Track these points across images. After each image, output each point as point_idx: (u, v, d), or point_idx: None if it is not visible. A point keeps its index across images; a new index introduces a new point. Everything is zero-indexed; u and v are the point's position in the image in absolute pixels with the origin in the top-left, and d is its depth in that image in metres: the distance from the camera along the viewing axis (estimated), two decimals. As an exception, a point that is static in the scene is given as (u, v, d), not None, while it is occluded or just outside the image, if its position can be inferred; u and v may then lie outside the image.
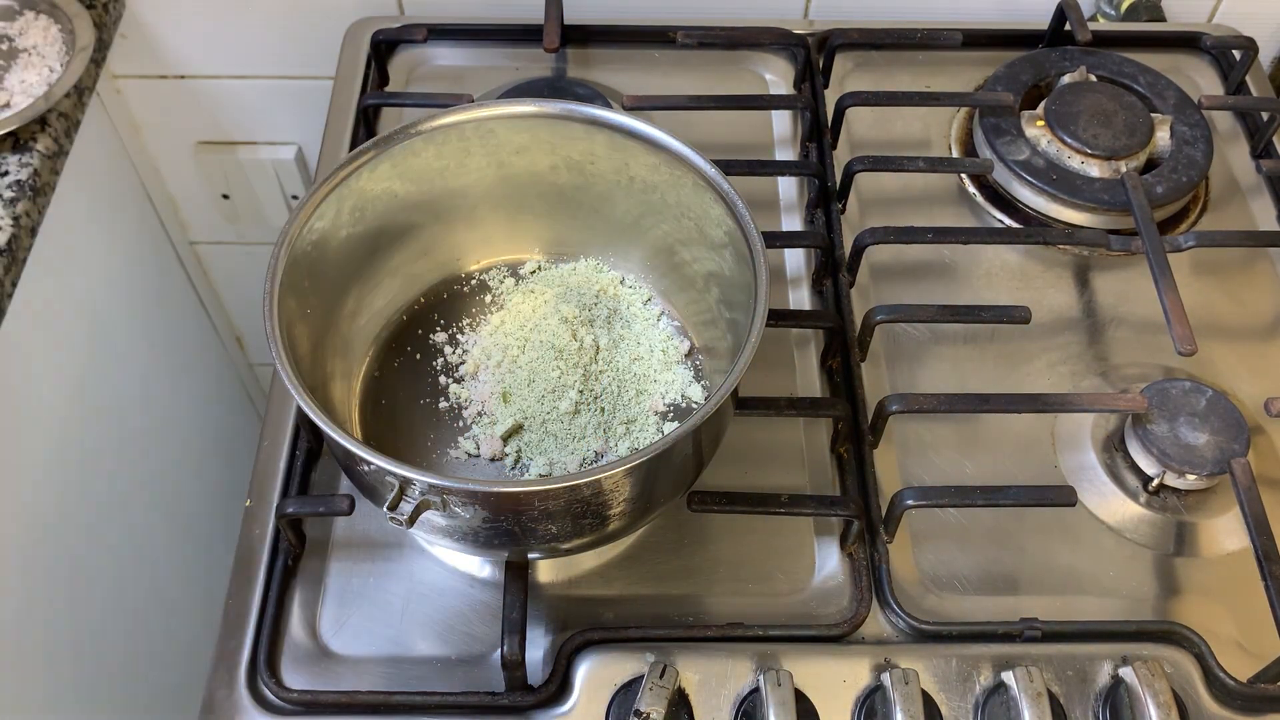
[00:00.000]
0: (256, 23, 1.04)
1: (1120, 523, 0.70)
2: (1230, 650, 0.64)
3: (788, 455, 0.72)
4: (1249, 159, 0.91)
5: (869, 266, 0.81)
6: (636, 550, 0.69)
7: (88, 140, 0.98)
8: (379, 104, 0.89)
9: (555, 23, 0.92)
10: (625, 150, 0.68)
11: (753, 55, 0.96)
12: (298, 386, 0.56)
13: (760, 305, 0.59)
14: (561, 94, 0.89)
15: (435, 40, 0.95)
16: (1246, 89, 0.94)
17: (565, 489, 0.54)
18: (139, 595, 1.13)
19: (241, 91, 1.10)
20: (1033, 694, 0.60)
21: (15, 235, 0.82)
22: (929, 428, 0.74)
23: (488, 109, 0.68)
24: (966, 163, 0.87)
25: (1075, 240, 0.81)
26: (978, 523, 0.70)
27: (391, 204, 0.69)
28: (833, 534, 0.69)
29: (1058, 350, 0.78)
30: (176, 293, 1.25)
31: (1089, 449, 0.73)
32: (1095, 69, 0.90)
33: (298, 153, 1.15)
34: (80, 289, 1.02)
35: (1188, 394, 0.72)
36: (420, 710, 0.62)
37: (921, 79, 0.94)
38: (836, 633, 0.64)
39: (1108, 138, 0.85)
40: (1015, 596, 0.67)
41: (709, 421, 0.56)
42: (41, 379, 0.96)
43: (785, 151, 0.90)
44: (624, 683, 0.62)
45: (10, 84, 0.87)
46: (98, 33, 0.91)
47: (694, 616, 0.65)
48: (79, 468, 1.02)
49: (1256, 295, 0.82)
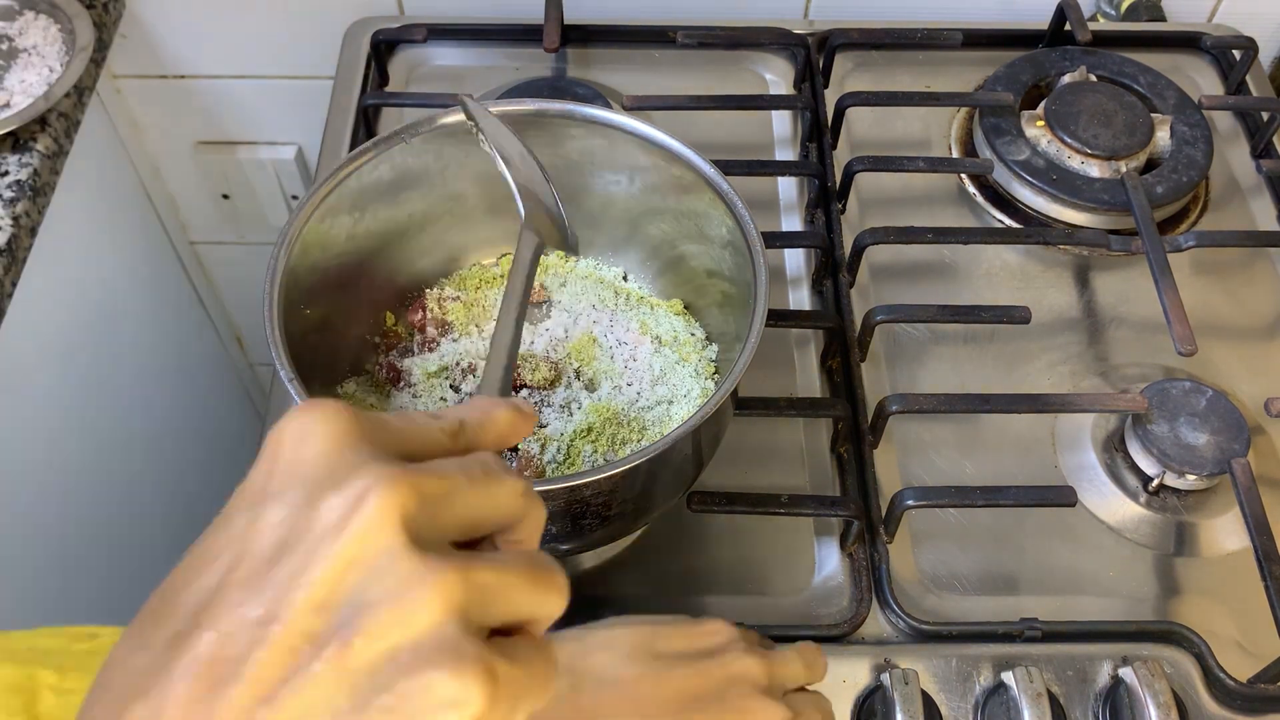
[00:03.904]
0: (256, 23, 1.04)
1: (1120, 523, 0.70)
2: (1230, 650, 0.64)
3: (788, 455, 0.72)
4: (1249, 159, 0.91)
5: (869, 266, 0.81)
6: (636, 550, 0.69)
7: (88, 140, 0.98)
8: (379, 104, 0.89)
9: (555, 23, 0.92)
10: (625, 150, 0.68)
11: (753, 55, 0.96)
12: (298, 386, 0.56)
13: (760, 305, 0.59)
14: (561, 94, 0.89)
15: (435, 40, 0.95)
16: (1246, 89, 0.94)
17: (565, 489, 0.54)
18: (139, 596, 1.13)
19: (241, 91, 1.10)
20: (1033, 694, 0.60)
21: (15, 235, 0.82)
22: (929, 428, 0.74)
23: (487, 109, 0.68)
24: (966, 163, 0.87)
25: (1075, 240, 0.81)
26: (978, 523, 0.70)
27: (391, 204, 0.69)
28: (833, 534, 0.69)
29: (1058, 350, 0.78)
30: (176, 293, 1.25)
31: (1089, 449, 0.73)
32: (1095, 69, 0.90)
33: (298, 153, 1.15)
34: (80, 289, 1.02)
35: (1188, 394, 0.72)
36: (420, 710, 0.62)
37: (921, 79, 0.94)
38: (836, 633, 0.64)
39: (1108, 138, 0.85)
40: (1015, 596, 0.67)
41: (709, 421, 0.56)
42: (41, 379, 0.96)
43: (785, 151, 0.90)
44: (624, 683, 0.62)
45: (10, 84, 0.87)
46: (98, 33, 0.91)
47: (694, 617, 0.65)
48: (78, 467, 1.02)
49: (1256, 295, 0.82)
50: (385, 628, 0.28)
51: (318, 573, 0.29)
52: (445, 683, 0.28)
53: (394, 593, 0.29)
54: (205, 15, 1.03)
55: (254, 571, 0.30)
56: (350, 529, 0.29)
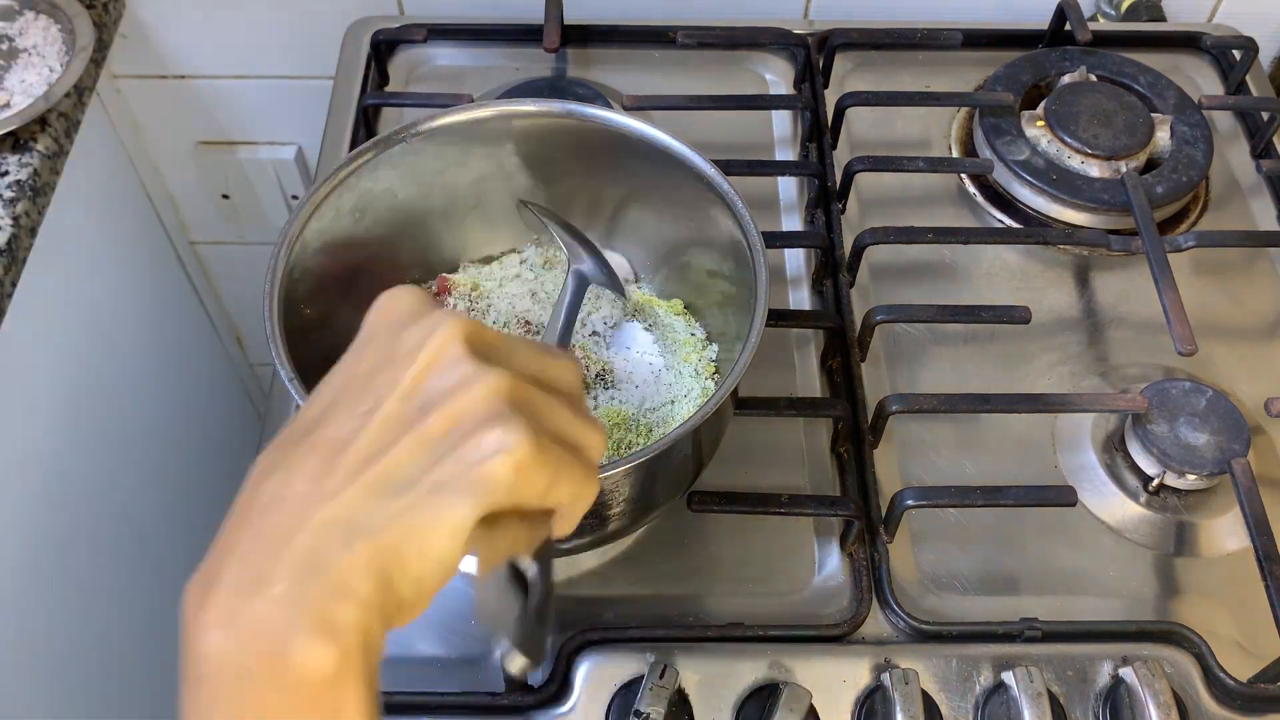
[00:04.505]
0: (256, 23, 1.04)
1: (1120, 523, 0.70)
2: (1230, 650, 0.64)
3: (788, 455, 0.72)
4: (1249, 159, 0.91)
5: (869, 266, 0.81)
6: (636, 550, 0.69)
7: (88, 140, 0.98)
8: (379, 104, 0.89)
9: (555, 23, 0.92)
10: (625, 150, 0.68)
11: (753, 55, 0.96)
12: (298, 386, 0.56)
13: (760, 305, 0.59)
14: (561, 94, 0.89)
15: (435, 40, 0.95)
16: (1246, 89, 0.94)
17: (565, 489, 0.54)
18: (138, 594, 1.13)
19: (241, 91, 1.10)
20: (1033, 694, 0.60)
21: (15, 235, 0.82)
22: (929, 428, 0.74)
23: (487, 109, 0.68)
24: (966, 163, 0.87)
25: (1075, 240, 0.81)
26: (978, 523, 0.70)
27: (391, 204, 0.69)
28: (833, 534, 0.69)
29: (1058, 350, 0.78)
30: (176, 293, 1.25)
31: (1089, 449, 0.73)
32: (1095, 69, 0.90)
33: (298, 153, 1.15)
34: (80, 289, 1.02)
35: (1188, 394, 0.72)
36: (420, 710, 0.62)
37: (921, 79, 0.94)
38: (837, 633, 0.64)
39: (1108, 138, 0.85)
40: (1015, 596, 0.67)
41: (709, 421, 0.56)
42: (41, 379, 0.96)
43: (785, 151, 0.90)
44: (624, 683, 0.62)
45: (10, 84, 0.87)
46: (98, 33, 0.91)
47: (694, 616, 0.65)
48: (79, 468, 1.02)
49: (1256, 295, 0.82)
50: (453, 407, 0.38)
51: (404, 376, 0.38)
52: (497, 435, 0.37)
53: (460, 384, 0.38)
54: (205, 15, 1.03)
55: (359, 384, 0.39)
56: (428, 345, 0.39)
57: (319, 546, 0.36)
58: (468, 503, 0.37)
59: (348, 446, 0.38)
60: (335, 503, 0.37)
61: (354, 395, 0.39)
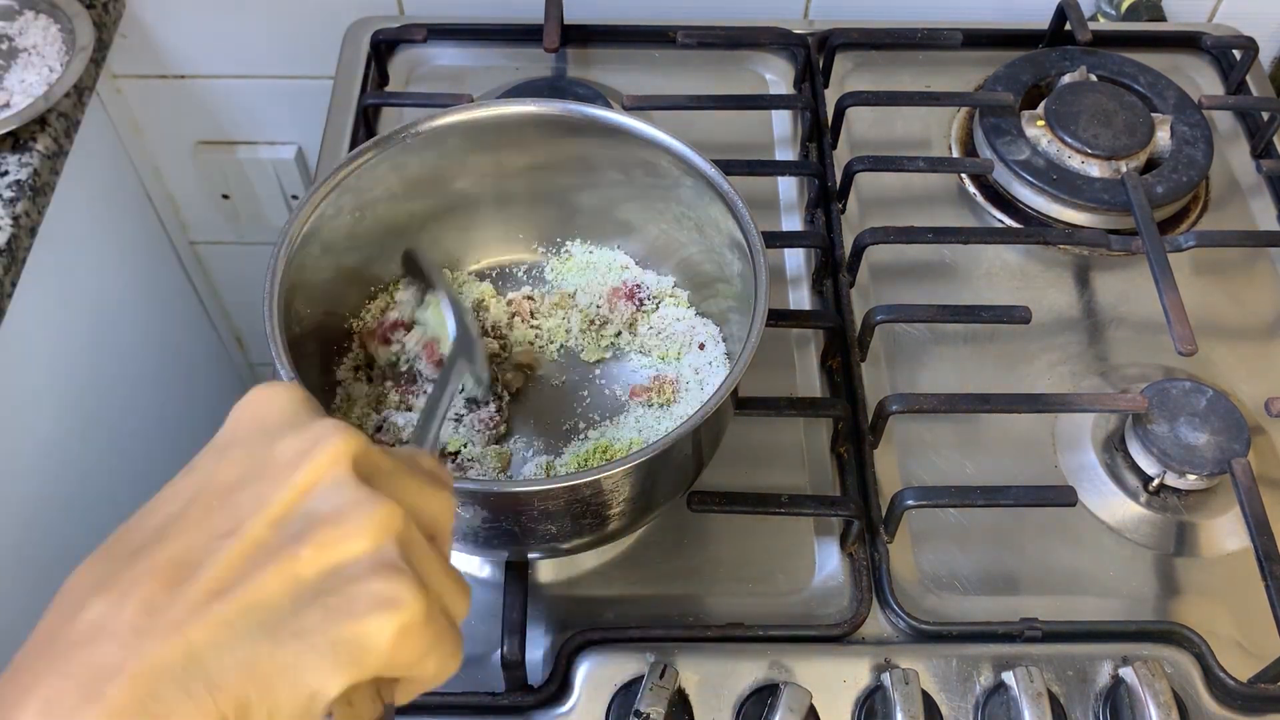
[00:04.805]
0: (256, 23, 1.04)
1: (1120, 523, 0.70)
2: (1230, 650, 0.64)
3: (788, 455, 0.72)
4: (1249, 159, 0.91)
5: (869, 266, 0.81)
6: (636, 550, 0.69)
7: (88, 140, 0.98)
8: (379, 104, 0.89)
9: (555, 23, 0.92)
10: (625, 150, 0.68)
11: (753, 55, 0.96)
12: (298, 386, 0.56)
13: (760, 305, 0.59)
14: (561, 94, 0.89)
15: (435, 40, 0.95)
16: (1247, 89, 0.94)
17: (565, 489, 0.54)
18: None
19: (241, 91, 1.10)
20: (1033, 694, 0.60)
21: (15, 235, 0.82)
22: (929, 428, 0.74)
23: (487, 109, 0.68)
24: (966, 163, 0.87)
25: (1075, 240, 0.81)
26: (978, 523, 0.70)
27: (391, 204, 0.69)
28: (833, 534, 0.69)
29: (1058, 350, 0.78)
30: (176, 293, 1.25)
31: (1089, 449, 0.73)
32: (1095, 69, 0.90)
33: (298, 153, 1.15)
34: (80, 289, 1.02)
35: (1188, 394, 0.72)
36: (420, 710, 0.62)
37: (921, 79, 0.94)
38: (837, 633, 0.64)
39: (1108, 138, 0.85)
40: (1015, 596, 0.67)
41: (709, 421, 0.56)
42: (41, 379, 0.96)
43: (785, 151, 0.90)
44: (624, 683, 0.62)
45: (10, 84, 0.87)
46: (98, 33, 0.91)
47: (694, 616, 0.65)
48: (78, 468, 1.02)
49: (1256, 295, 0.82)
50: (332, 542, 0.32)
51: (274, 496, 0.33)
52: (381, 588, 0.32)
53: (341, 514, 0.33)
54: (205, 15, 1.03)
55: (217, 497, 0.33)
56: (306, 463, 0.33)
57: (147, 697, 0.30)
58: (334, 669, 0.31)
59: (196, 572, 0.31)
60: (174, 640, 0.30)
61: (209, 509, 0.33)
